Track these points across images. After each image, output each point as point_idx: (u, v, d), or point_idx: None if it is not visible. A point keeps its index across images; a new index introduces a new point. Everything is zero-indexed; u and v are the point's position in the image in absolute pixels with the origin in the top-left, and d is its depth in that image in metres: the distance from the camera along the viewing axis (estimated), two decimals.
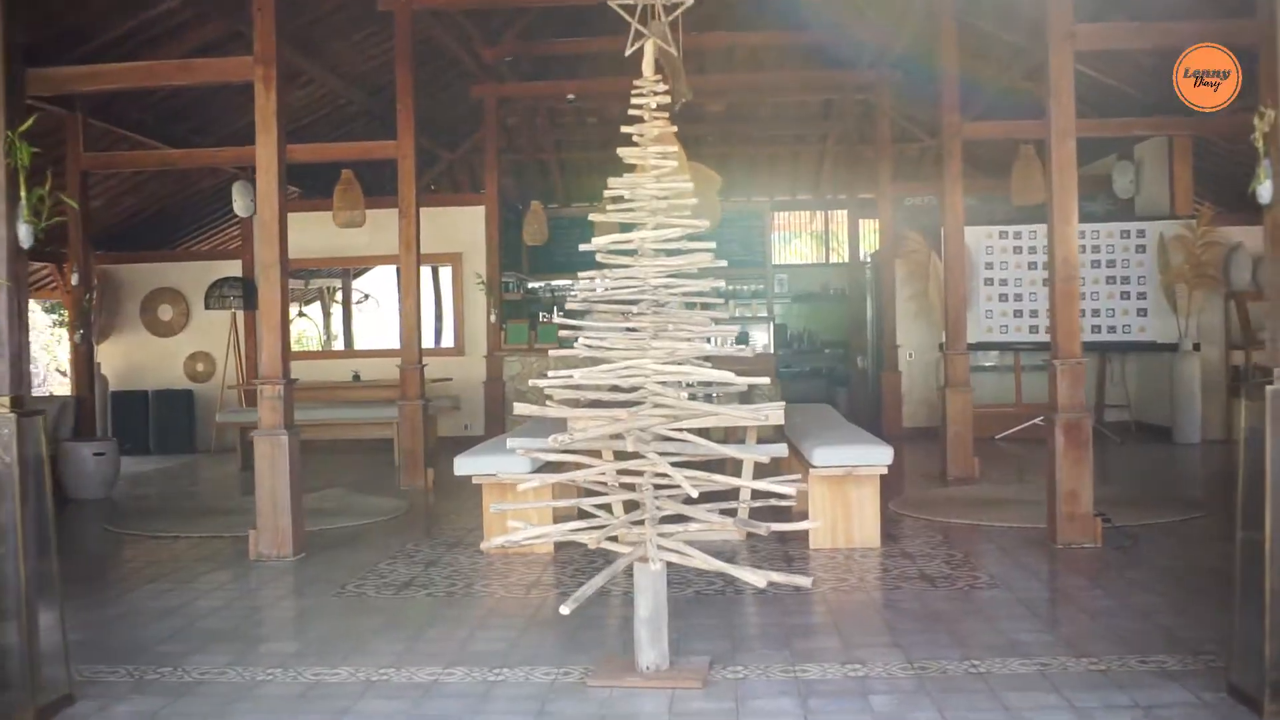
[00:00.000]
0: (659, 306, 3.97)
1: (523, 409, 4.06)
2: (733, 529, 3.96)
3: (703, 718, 3.52)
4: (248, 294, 11.69)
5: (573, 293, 4.09)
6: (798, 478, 4.18)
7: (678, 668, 3.91)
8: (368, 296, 16.57)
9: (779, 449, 6.48)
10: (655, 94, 3.96)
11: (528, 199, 13.75)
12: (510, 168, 14.73)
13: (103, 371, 11.76)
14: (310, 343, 16.79)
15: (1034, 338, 11.01)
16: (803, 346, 15.53)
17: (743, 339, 12.62)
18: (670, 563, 3.92)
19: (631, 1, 4.33)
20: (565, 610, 3.67)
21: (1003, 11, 9.32)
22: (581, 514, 4.65)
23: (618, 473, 3.97)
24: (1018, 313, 11.19)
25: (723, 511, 4.00)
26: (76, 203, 8.69)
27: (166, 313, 12.77)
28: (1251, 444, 3.46)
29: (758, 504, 5.03)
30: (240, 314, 12.15)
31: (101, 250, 12.20)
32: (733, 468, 6.60)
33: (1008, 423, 11.11)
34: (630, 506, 4.11)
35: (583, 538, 3.90)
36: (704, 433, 4.26)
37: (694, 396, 4.12)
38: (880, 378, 12.28)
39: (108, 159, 9.93)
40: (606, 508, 4.28)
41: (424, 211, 9.44)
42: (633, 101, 3.98)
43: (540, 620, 4.76)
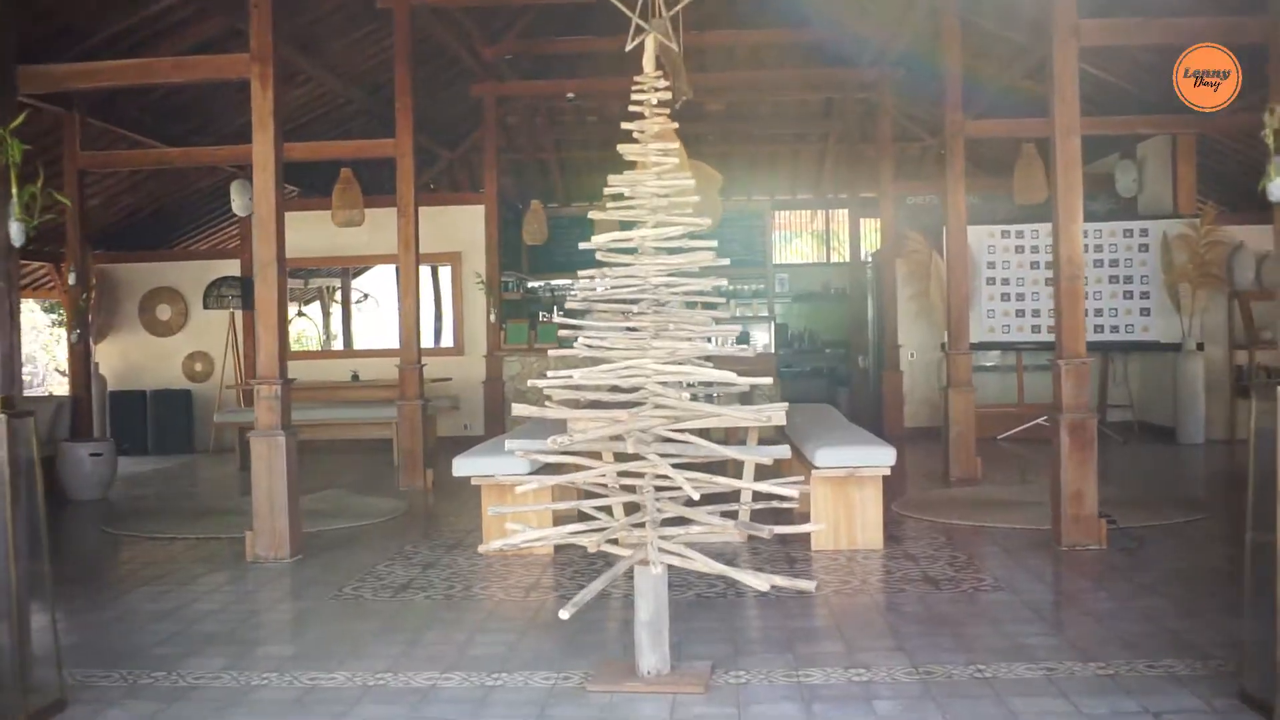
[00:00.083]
0: (660, 306, 3.93)
1: (522, 410, 4.01)
2: (734, 532, 3.91)
3: None
4: (246, 293, 11.63)
5: (572, 292, 4.04)
6: (800, 479, 4.13)
7: (679, 672, 3.86)
8: (367, 296, 16.53)
9: (781, 450, 6.43)
10: (656, 90, 3.91)
11: (527, 198, 13.70)
12: (510, 167, 14.68)
13: (101, 371, 11.72)
14: (309, 342, 16.76)
15: (1036, 337, 10.99)
16: (804, 346, 15.47)
17: (744, 339, 12.58)
18: (671, 565, 3.87)
19: None
20: (565, 615, 3.63)
21: (1005, 9, 9.27)
22: (581, 516, 4.60)
23: (618, 474, 3.92)
24: (1020, 312, 11.15)
25: (724, 514, 3.95)
26: (71, 201, 8.63)
27: (165, 312, 12.72)
28: (1261, 445, 3.41)
29: (759, 506, 5.01)
30: (239, 313, 12.12)
31: (99, 249, 12.17)
32: (734, 469, 6.56)
33: (1010, 423, 11.07)
34: (631, 509, 4.06)
35: (583, 540, 3.85)
36: (705, 434, 4.22)
37: (695, 397, 4.06)
38: (882, 377, 12.23)
39: (105, 158, 9.88)
40: (606, 510, 4.23)
41: (423, 211, 9.39)
42: (633, 97, 3.93)
43: (540, 623, 4.71)
